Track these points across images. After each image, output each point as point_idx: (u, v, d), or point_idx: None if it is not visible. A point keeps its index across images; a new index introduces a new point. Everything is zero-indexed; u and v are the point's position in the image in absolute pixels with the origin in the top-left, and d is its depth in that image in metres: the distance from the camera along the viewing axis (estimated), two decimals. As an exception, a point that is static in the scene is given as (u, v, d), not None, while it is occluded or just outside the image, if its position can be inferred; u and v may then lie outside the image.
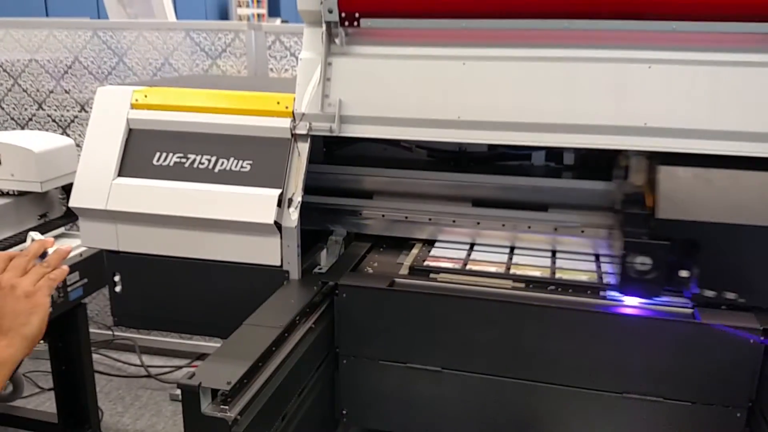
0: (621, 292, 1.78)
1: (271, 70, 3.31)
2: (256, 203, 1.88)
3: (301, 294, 1.83)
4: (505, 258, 2.09)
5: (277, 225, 1.88)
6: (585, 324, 1.75)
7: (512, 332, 1.79)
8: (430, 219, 2.17)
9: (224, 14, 9.99)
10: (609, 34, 1.73)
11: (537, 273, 1.97)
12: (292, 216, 1.89)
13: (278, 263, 1.92)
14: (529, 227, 2.11)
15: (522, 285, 1.92)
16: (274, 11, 10.50)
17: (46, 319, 1.17)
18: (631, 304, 1.78)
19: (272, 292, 1.86)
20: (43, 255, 1.22)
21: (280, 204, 1.88)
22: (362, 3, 1.82)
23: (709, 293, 1.71)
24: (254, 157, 1.94)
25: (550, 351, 1.78)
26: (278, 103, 1.95)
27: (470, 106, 1.81)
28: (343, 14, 1.83)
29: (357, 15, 1.83)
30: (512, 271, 1.99)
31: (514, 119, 1.79)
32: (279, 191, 1.88)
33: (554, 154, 2.30)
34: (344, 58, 1.90)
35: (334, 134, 1.89)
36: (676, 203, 1.69)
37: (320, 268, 2.03)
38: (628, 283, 1.74)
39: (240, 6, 10.11)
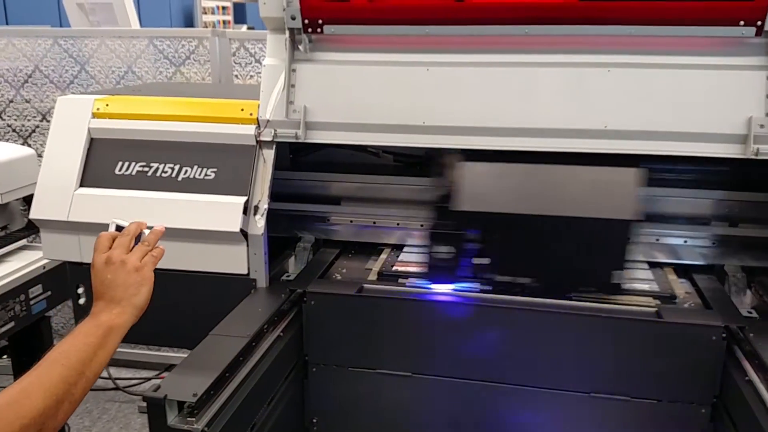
0: (428, 280, 1.91)
1: (236, 76, 3.28)
2: (222, 211, 1.87)
3: (269, 302, 1.82)
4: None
5: (243, 233, 1.86)
6: (552, 325, 1.77)
7: (481, 335, 1.80)
8: (398, 224, 2.17)
9: (189, 21, 9.89)
10: (568, 39, 1.76)
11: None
12: (259, 223, 1.88)
13: (245, 271, 1.90)
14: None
15: (490, 287, 1.92)
16: (240, 18, 10.44)
17: (151, 290, 1.30)
18: (597, 304, 1.80)
19: (240, 300, 1.84)
20: (139, 236, 1.33)
21: (245, 211, 1.86)
22: (325, 9, 1.82)
23: (505, 278, 1.82)
24: (219, 165, 1.92)
25: (518, 353, 1.79)
26: (242, 110, 1.93)
27: (435, 111, 1.82)
28: (306, 21, 1.83)
29: (320, 21, 1.83)
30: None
31: (478, 124, 1.81)
32: (245, 199, 1.87)
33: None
34: (308, 64, 1.89)
35: (300, 140, 1.88)
36: (473, 196, 1.79)
37: (288, 276, 2.02)
38: (434, 270, 1.89)
39: (205, 13, 10.02)
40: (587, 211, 1.78)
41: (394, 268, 2.04)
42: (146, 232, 1.34)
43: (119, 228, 1.35)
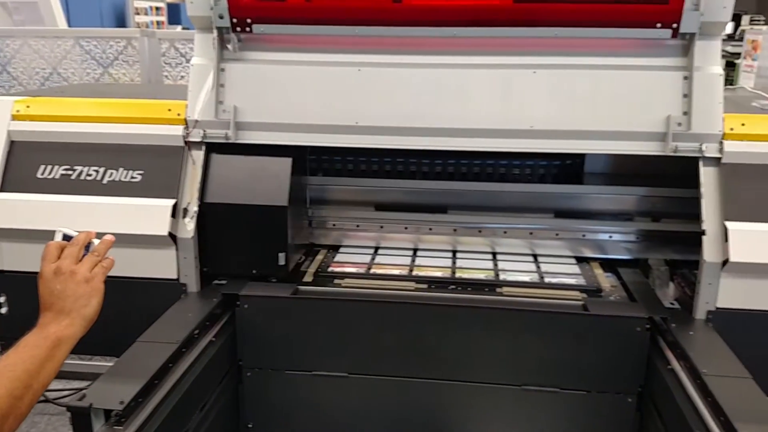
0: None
1: (167, 77, 3.20)
2: (149, 215, 1.82)
3: (200, 307, 1.78)
4: (408, 260, 2.12)
5: (172, 236, 1.82)
6: (484, 321, 1.79)
7: (416, 333, 1.81)
8: (333, 225, 2.16)
9: (121, 22, 9.60)
10: (497, 41, 1.79)
11: (438, 273, 2.01)
12: (188, 226, 1.84)
13: (175, 276, 1.85)
14: (431, 229, 2.15)
15: (424, 286, 1.94)
16: (174, 19, 10.18)
17: (102, 302, 1.28)
18: (527, 299, 1.84)
19: (170, 306, 1.79)
20: (88, 246, 1.30)
21: (174, 214, 1.82)
22: (254, 9, 1.80)
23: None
24: (146, 167, 1.87)
25: (453, 349, 1.81)
26: (169, 110, 1.89)
27: (368, 111, 1.82)
28: (234, 20, 1.80)
29: (249, 21, 1.80)
30: (415, 272, 2.02)
31: (409, 124, 1.82)
32: (173, 201, 1.82)
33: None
34: (238, 63, 1.87)
35: (230, 141, 1.85)
36: (216, 189, 1.88)
37: (220, 280, 1.97)
38: None
39: (138, 14, 9.74)
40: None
41: (330, 269, 2.03)
42: (95, 241, 1.31)
43: (66, 237, 1.31)
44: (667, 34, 1.70)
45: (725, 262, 1.66)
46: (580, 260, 2.09)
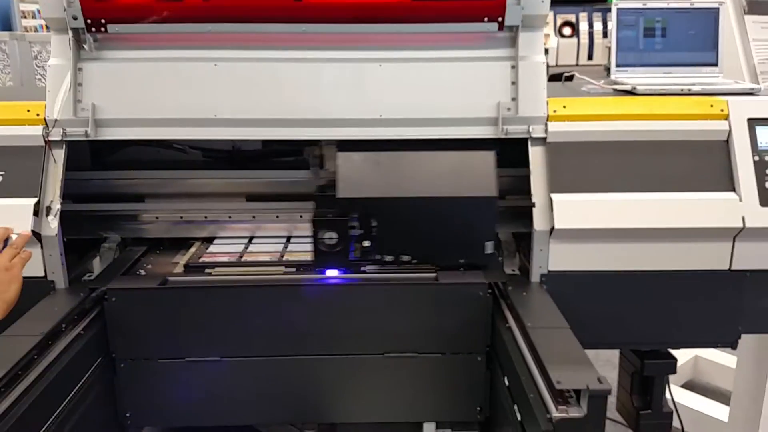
0: (318, 267, 1.99)
1: (39, 80, 3.17)
2: (12, 214, 1.83)
3: (67, 302, 1.82)
4: (280, 248, 2.22)
5: (36, 234, 1.84)
6: (348, 297, 1.93)
7: (284, 313, 1.92)
8: (206, 217, 2.23)
9: (8, 25, 9.17)
10: (344, 37, 1.93)
11: (308, 257, 2.12)
12: (52, 224, 1.87)
13: (41, 274, 1.88)
14: (302, 216, 2.25)
15: (293, 269, 2.05)
16: (61, 21, 9.78)
17: (20, 289, 1.51)
18: (383, 276, 1.98)
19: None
20: (6, 240, 1.53)
21: (37, 213, 1.85)
22: (107, 9, 1.85)
23: (389, 257, 1.98)
24: (6, 168, 1.89)
25: (320, 326, 1.93)
26: (28, 110, 1.91)
27: (224, 104, 1.92)
28: (88, 20, 1.85)
29: (103, 21, 1.86)
30: (285, 257, 2.13)
31: (267, 116, 1.93)
32: (35, 200, 1.85)
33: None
34: (95, 63, 1.91)
35: (91, 138, 1.90)
36: (352, 183, 1.93)
37: (90, 276, 2.01)
38: (322, 257, 1.96)
39: (25, 17, 9.32)
40: (459, 191, 1.93)
41: (201, 259, 2.11)
42: (14, 236, 1.54)
43: None
44: (494, 27, 1.89)
45: (552, 229, 1.87)
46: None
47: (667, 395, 2.20)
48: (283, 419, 2.11)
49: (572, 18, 6.04)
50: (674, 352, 2.11)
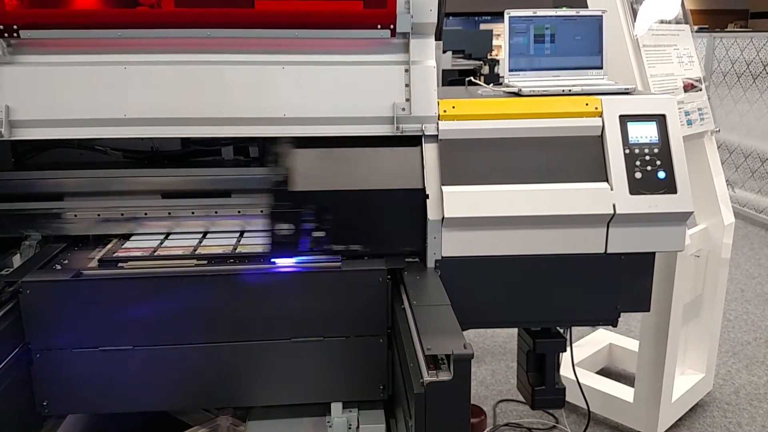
0: (273, 257, 2.13)
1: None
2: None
3: (-20, 295, 1.89)
4: (195, 242, 2.33)
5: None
6: (256, 286, 2.05)
7: (194, 303, 2.03)
8: (122, 214, 2.33)
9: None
10: (250, 41, 2.07)
11: (220, 251, 2.24)
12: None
13: (-44, 269, 1.95)
14: (216, 212, 2.37)
15: (204, 262, 2.17)
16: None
17: None
18: (290, 264, 2.12)
19: (-47, 298, 1.89)
20: None
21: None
22: (20, 16, 1.95)
23: (339, 247, 2.12)
24: None
25: (229, 314, 2.04)
26: (-58, 113, 1.98)
27: (134, 105, 2.03)
28: (1, 26, 1.94)
29: (16, 27, 1.95)
30: (198, 251, 2.24)
31: (174, 115, 2.05)
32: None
33: (241, 148, 2.59)
34: (9, 66, 2.00)
35: (5, 139, 1.99)
36: (305, 177, 2.08)
37: (7, 271, 2.09)
38: (277, 247, 2.11)
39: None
40: (389, 184, 2.09)
41: (116, 254, 2.20)
42: None
43: None
44: (387, 34, 2.06)
45: (443, 218, 2.04)
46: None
47: (563, 373, 2.40)
48: (196, 405, 2.22)
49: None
50: (591, 340, 2.29)
